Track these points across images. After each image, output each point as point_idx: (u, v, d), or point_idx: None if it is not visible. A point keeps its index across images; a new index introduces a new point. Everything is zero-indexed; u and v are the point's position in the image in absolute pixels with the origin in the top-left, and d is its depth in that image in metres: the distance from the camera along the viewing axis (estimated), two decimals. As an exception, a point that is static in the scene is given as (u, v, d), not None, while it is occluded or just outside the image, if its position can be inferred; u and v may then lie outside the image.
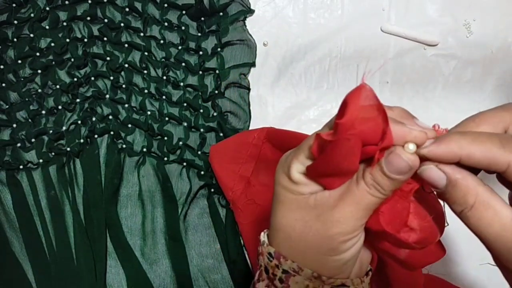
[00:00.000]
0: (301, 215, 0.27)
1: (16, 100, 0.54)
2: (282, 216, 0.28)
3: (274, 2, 0.57)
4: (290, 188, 0.27)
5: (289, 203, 0.27)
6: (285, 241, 0.28)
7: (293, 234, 0.27)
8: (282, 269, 0.28)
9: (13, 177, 0.53)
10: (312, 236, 0.26)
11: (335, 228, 0.26)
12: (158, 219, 0.54)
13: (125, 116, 0.54)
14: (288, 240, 0.27)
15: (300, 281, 0.27)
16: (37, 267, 0.52)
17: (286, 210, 0.27)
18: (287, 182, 0.27)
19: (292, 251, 0.27)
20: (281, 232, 0.28)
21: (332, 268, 0.27)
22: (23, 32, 0.54)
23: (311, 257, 0.27)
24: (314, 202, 0.26)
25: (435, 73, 0.57)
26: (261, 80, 0.56)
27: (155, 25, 0.55)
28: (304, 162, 0.27)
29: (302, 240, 0.27)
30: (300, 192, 0.27)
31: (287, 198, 0.27)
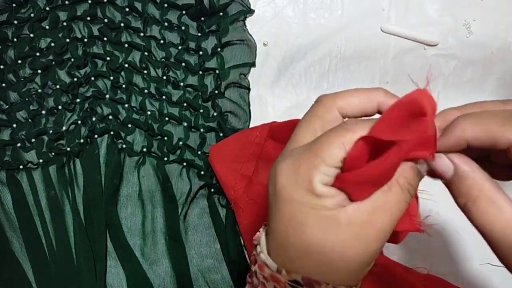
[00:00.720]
0: (336, 235, 0.24)
1: (16, 100, 0.54)
2: (315, 237, 0.24)
3: (274, 2, 0.57)
4: (313, 204, 0.24)
5: (315, 222, 0.24)
6: (321, 263, 0.25)
7: (333, 255, 0.25)
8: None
9: (13, 177, 0.53)
10: (356, 255, 0.24)
11: (376, 244, 0.25)
12: (158, 219, 0.54)
13: (125, 116, 0.54)
14: (325, 262, 0.25)
15: None
16: (37, 267, 0.52)
17: (316, 230, 0.24)
18: (311, 197, 0.24)
19: (327, 272, 0.25)
20: (316, 254, 0.25)
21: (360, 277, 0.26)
22: (23, 32, 0.54)
23: (349, 274, 0.25)
24: (346, 218, 0.24)
25: (435, 73, 0.57)
26: (261, 80, 0.56)
27: (155, 25, 0.55)
28: (328, 171, 0.24)
29: (343, 260, 0.25)
30: (325, 207, 0.24)
31: (311, 216, 0.24)
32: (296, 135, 0.27)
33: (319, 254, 0.25)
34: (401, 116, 0.24)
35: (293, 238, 0.25)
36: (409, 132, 0.23)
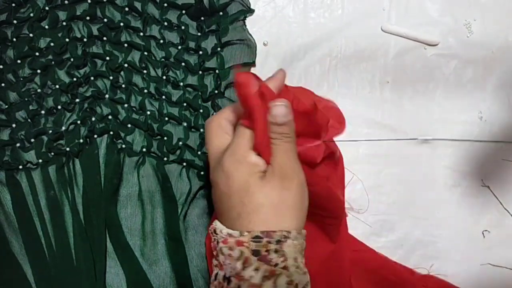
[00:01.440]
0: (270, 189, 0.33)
1: (15, 100, 0.54)
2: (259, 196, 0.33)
3: (274, 1, 0.57)
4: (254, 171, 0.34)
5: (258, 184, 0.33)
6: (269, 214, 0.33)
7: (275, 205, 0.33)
8: (275, 241, 0.32)
9: (13, 177, 0.53)
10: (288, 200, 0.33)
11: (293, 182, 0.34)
12: (158, 219, 0.54)
13: (125, 116, 0.54)
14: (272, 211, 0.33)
15: (290, 243, 0.32)
16: (36, 268, 0.52)
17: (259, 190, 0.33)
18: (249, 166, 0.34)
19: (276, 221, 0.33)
20: (265, 208, 0.33)
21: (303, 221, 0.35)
22: (23, 32, 0.54)
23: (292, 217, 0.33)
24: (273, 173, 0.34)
25: (435, 73, 0.57)
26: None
27: (154, 24, 0.55)
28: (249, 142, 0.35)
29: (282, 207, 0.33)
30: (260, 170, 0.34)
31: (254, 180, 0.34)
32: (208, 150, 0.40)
33: (265, 208, 0.33)
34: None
35: (247, 203, 0.33)
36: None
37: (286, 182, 0.34)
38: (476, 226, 0.55)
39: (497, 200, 0.55)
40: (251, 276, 0.32)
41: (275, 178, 0.34)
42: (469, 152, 0.56)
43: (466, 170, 0.55)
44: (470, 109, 0.57)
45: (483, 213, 0.55)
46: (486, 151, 0.56)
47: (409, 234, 0.54)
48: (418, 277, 0.53)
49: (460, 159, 0.55)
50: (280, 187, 0.33)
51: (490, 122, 0.56)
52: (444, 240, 0.55)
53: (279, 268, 0.32)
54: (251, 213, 0.33)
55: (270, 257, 0.32)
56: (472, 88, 0.57)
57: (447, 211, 0.55)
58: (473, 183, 0.55)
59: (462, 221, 0.55)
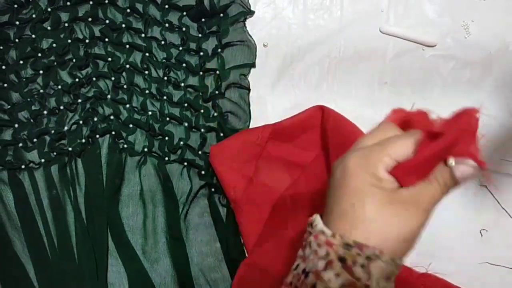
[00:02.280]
0: (391, 210, 0.31)
1: (18, 100, 0.54)
2: (375, 208, 0.31)
3: (274, 3, 0.57)
4: (377, 184, 0.32)
5: (377, 198, 0.31)
6: (376, 232, 0.31)
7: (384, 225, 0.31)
8: (365, 256, 0.31)
9: (15, 177, 0.53)
10: (404, 227, 0.31)
11: (420, 220, 0.32)
12: (159, 218, 0.54)
13: (127, 116, 0.55)
14: (379, 231, 0.31)
15: (379, 265, 0.31)
16: (38, 266, 0.52)
17: (379, 204, 0.31)
18: (374, 178, 0.32)
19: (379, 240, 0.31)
20: (372, 224, 0.31)
21: (405, 253, 0.32)
22: (25, 33, 0.54)
23: (395, 245, 0.31)
24: (401, 197, 0.32)
25: (433, 74, 0.57)
26: (261, 81, 0.57)
27: (156, 26, 0.55)
28: (389, 163, 0.32)
29: (392, 232, 0.31)
30: (384, 188, 0.32)
31: (375, 193, 0.32)
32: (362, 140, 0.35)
33: (375, 224, 0.31)
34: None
35: (358, 209, 0.32)
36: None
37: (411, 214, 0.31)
38: (474, 225, 0.55)
39: (495, 199, 0.55)
40: (329, 280, 0.31)
41: (406, 203, 0.32)
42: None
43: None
44: (468, 110, 0.57)
45: (481, 212, 0.55)
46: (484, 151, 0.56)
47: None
48: (416, 276, 0.53)
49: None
50: (401, 214, 0.31)
51: (488, 122, 0.56)
52: (442, 239, 0.55)
53: (361, 283, 0.30)
54: (357, 220, 0.32)
55: (355, 269, 0.31)
56: (470, 89, 0.57)
57: (445, 210, 0.55)
58: (471, 183, 0.55)
59: (460, 220, 0.55)
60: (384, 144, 0.33)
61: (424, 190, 0.32)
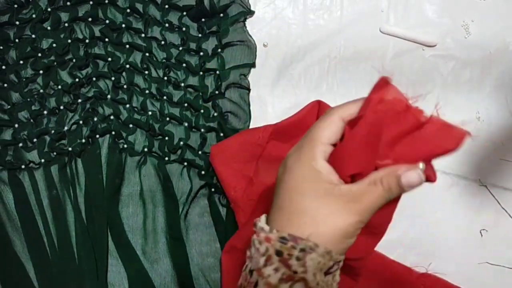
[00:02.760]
0: (327, 203, 0.31)
1: (18, 100, 0.54)
2: (310, 202, 0.31)
3: (274, 3, 0.57)
4: (314, 177, 0.31)
5: (316, 190, 0.31)
6: (309, 225, 0.31)
7: (319, 218, 0.31)
8: (299, 248, 0.30)
9: (15, 177, 0.53)
10: (342, 221, 0.31)
11: (358, 217, 0.31)
12: (159, 218, 0.54)
13: (127, 116, 0.55)
14: (313, 224, 0.31)
15: (314, 257, 0.30)
16: (39, 266, 0.52)
17: (314, 197, 0.31)
18: (311, 171, 0.31)
19: (313, 231, 0.31)
20: (309, 218, 0.31)
21: (343, 249, 0.32)
22: (25, 33, 0.54)
23: (331, 239, 0.31)
24: (340, 192, 0.31)
25: (433, 74, 0.57)
26: (261, 81, 0.57)
27: (156, 26, 0.55)
28: (324, 149, 0.31)
29: (326, 225, 0.31)
30: (322, 180, 0.31)
31: (312, 186, 0.31)
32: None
33: (309, 217, 0.31)
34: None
35: (294, 203, 0.31)
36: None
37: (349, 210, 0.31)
38: (474, 225, 0.55)
39: (495, 199, 0.55)
40: (269, 275, 0.31)
41: (344, 199, 0.31)
42: (466, 152, 0.56)
43: (464, 169, 0.56)
44: (468, 110, 0.57)
45: (480, 212, 0.55)
46: (484, 150, 0.56)
47: (407, 233, 0.55)
48: (416, 276, 0.53)
49: (458, 158, 0.56)
50: (339, 209, 0.31)
51: (488, 122, 0.56)
52: (442, 239, 0.55)
53: (298, 276, 0.30)
54: (292, 214, 0.31)
55: (291, 262, 0.30)
56: (469, 88, 0.57)
57: (445, 210, 0.55)
58: (471, 183, 0.56)
59: (460, 220, 0.55)
60: (311, 131, 0.32)
61: (367, 190, 0.31)
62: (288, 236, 0.31)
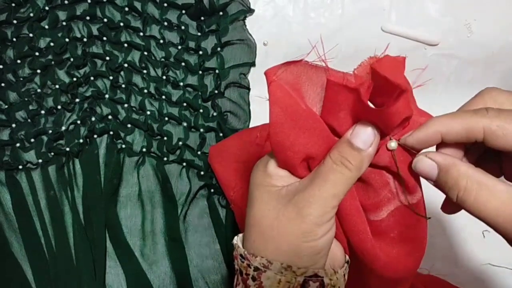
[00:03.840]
0: (273, 204, 0.27)
1: (15, 100, 0.54)
2: (256, 210, 0.28)
3: (274, 1, 0.57)
4: (265, 182, 0.28)
5: (261, 197, 0.27)
6: (259, 234, 0.27)
7: (266, 223, 0.27)
8: (253, 267, 0.27)
9: (12, 177, 0.53)
10: (286, 221, 0.26)
11: (306, 208, 0.26)
12: (158, 219, 0.54)
13: (125, 116, 0.54)
14: (262, 233, 0.27)
15: (271, 276, 0.27)
16: (36, 268, 0.52)
17: (259, 203, 0.27)
18: (262, 177, 0.28)
19: (265, 244, 0.27)
20: (256, 226, 0.27)
21: (306, 257, 0.27)
22: (23, 31, 0.54)
23: (285, 247, 0.27)
24: (285, 191, 0.27)
25: (436, 73, 0.57)
26: (261, 80, 0.56)
27: (154, 24, 0.55)
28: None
29: (275, 228, 0.27)
30: (273, 185, 0.27)
31: (261, 192, 0.28)
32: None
33: (259, 226, 0.27)
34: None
35: (247, 215, 0.28)
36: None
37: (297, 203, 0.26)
38: (476, 226, 0.55)
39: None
40: None
41: (294, 198, 0.26)
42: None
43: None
44: (471, 109, 0.57)
45: (483, 213, 0.55)
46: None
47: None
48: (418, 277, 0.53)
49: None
50: (286, 205, 0.26)
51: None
52: (445, 240, 0.54)
53: None
54: (248, 226, 0.28)
55: (249, 283, 0.27)
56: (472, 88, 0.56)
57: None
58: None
59: (462, 221, 0.55)
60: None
61: (318, 174, 0.26)
62: (244, 253, 0.28)
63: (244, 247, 0.28)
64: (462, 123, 0.25)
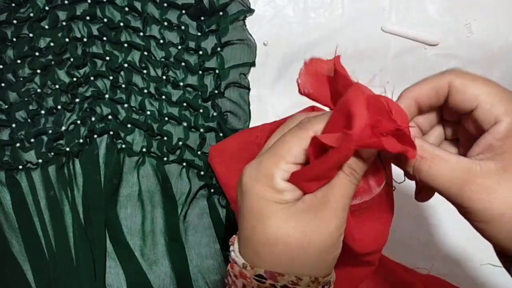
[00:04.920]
0: (296, 222, 0.26)
1: (15, 100, 0.53)
2: (277, 229, 0.26)
3: (274, 1, 0.57)
4: (275, 198, 0.27)
5: (279, 215, 0.26)
6: (284, 253, 0.27)
7: (293, 243, 0.26)
8: (280, 286, 0.27)
9: (12, 177, 0.53)
10: (314, 238, 0.26)
11: (332, 223, 0.27)
12: (158, 219, 0.54)
13: (125, 116, 0.54)
14: (288, 251, 0.26)
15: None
16: (36, 268, 0.52)
17: (280, 222, 0.26)
18: (271, 192, 0.27)
19: (291, 262, 0.27)
20: (280, 245, 0.26)
21: (329, 266, 0.28)
22: (23, 31, 0.54)
23: (312, 261, 0.27)
24: (303, 207, 0.27)
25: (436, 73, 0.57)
26: (261, 80, 0.56)
27: (154, 24, 0.55)
28: (287, 168, 0.27)
29: (304, 247, 0.26)
30: (286, 201, 0.27)
31: (275, 209, 0.27)
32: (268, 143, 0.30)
33: (280, 245, 0.26)
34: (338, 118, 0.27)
35: (258, 232, 0.27)
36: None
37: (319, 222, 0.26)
38: (477, 226, 0.55)
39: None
40: None
41: (312, 210, 0.26)
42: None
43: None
44: (471, 109, 0.56)
45: (483, 213, 0.55)
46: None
47: (409, 234, 0.54)
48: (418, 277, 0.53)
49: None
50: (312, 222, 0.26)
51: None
52: (445, 240, 0.54)
53: None
54: (259, 245, 0.27)
55: None
56: (472, 88, 0.57)
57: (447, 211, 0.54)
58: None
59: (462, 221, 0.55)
60: (276, 147, 0.28)
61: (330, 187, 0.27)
62: (265, 273, 0.27)
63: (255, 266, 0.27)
64: (430, 83, 0.29)
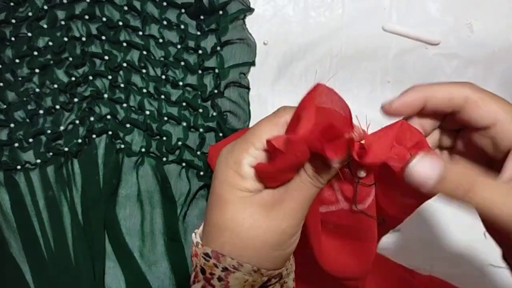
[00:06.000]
0: (250, 213, 0.27)
1: (13, 99, 0.53)
2: (231, 215, 0.27)
3: (274, 0, 0.56)
4: (238, 185, 0.27)
5: (237, 202, 0.27)
6: (231, 239, 0.27)
7: (242, 232, 0.27)
8: (221, 267, 0.27)
9: (11, 178, 0.52)
10: (263, 232, 0.27)
11: (285, 222, 0.27)
12: (157, 220, 0.53)
13: (124, 116, 0.54)
14: (235, 239, 0.27)
15: (240, 276, 0.27)
16: (35, 268, 0.52)
17: (234, 209, 0.27)
18: (236, 178, 0.27)
19: (236, 249, 0.27)
20: (229, 231, 0.27)
21: (276, 261, 0.28)
22: (21, 31, 0.53)
23: (257, 253, 0.27)
24: (261, 200, 0.27)
25: (436, 73, 0.56)
26: (261, 80, 0.56)
27: (154, 24, 0.55)
28: (255, 154, 0.27)
29: (251, 238, 0.27)
30: (246, 189, 0.27)
31: (235, 196, 0.27)
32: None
33: (229, 232, 0.27)
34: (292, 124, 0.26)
35: (215, 215, 0.28)
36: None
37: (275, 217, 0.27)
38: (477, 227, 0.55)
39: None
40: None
41: (268, 205, 0.27)
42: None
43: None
44: (472, 109, 0.56)
45: (484, 214, 0.55)
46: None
47: (410, 234, 0.54)
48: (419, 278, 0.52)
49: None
50: (265, 217, 0.27)
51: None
52: (446, 241, 0.54)
53: None
54: (215, 228, 0.28)
55: (213, 282, 0.28)
56: (473, 87, 0.57)
57: (448, 212, 0.54)
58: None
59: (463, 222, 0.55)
60: (249, 132, 0.28)
61: (290, 187, 0.27)
62: (211, 252, 0.27)
63: (206, 245, 0.28)
64: (446, 89, 0.28)
